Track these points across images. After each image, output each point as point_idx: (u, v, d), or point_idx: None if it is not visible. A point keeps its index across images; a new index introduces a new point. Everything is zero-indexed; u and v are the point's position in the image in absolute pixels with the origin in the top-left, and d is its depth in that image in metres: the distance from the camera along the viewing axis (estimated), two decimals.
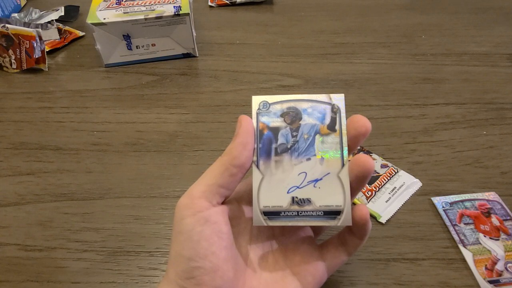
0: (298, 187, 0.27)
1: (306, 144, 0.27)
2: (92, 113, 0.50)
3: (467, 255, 0.34)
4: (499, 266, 0.34)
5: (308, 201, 0.27)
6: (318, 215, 0.27)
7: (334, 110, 0.28)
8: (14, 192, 0.41)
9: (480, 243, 0.35)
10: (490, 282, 0.33)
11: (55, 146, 0.46)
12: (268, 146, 0.28)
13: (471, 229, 0.36)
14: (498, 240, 0.35)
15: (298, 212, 0.27)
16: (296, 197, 0.27)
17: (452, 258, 0.35)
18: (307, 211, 0.27)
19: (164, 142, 0.46)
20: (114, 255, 0.36)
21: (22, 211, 0.40)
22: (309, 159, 0.27)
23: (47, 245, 0.37)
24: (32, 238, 0.37)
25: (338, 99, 0.28)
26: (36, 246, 0.37)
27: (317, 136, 0.27)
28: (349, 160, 0.27)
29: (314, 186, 0.27)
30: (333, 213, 0.27)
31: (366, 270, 0.34)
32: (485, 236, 0.36)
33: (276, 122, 0.28)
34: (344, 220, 0.27)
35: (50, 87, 0.54)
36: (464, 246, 0.35)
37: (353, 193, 0.27)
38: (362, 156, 0.27)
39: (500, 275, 0.33)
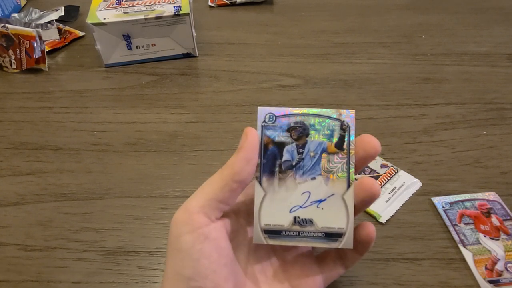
0: (301, 207, 0.27)
1: (311, 163, 0.27)
2: (92, 113, 0.50)
3: (467, 255, 0.34)
4: (499, 266, 0.34)
5: (310, 221, 0.26)
6: (320, 236, 0.26)
7: (343, 127, 0.27)
8: (14, 192, 0.41)
9: (480, 243, 0.35)
10: (490, 282, 0.33)
11: (55, 146, 0.46)
12: (272, 162, 0.27)
13: (471, 229, 0.36)
14: (498, 240, 0.35)
15: (299, 232, 0.27)
16: (298, 217, 0.27)
17: (452, 258, 0.35)
18: (308, 232, 0.26)
19: (164, 142, 0.46)
20: (114, 255, 0.36)
21: (22, 211, 0.40)
22: (314, 178, 0.27)
23: (47, 245, 0.37)
24: (32, 238, 0.37)
25: (348, 115, 0.27)
26: (36, 246, 0.37)
27: (324, 155, 0.27)
28: (355, 179, 0.27)
29: (318, 207, 0.26)
30: (335, 235, 0.26)
31: (366, 270, 0.34)
32: (485, 236, 0.36)
33: (282, 137, 0.27)
34: (345, 243, 0.26)
35: (50, 87, 0.54)
36: (464, 246, 0.35)
37: (356, 213, 0.27)
38: (367, 180, 0.26)
39: (500, 275, 0.33)
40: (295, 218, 0.27)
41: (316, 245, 0.27)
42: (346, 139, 0.27)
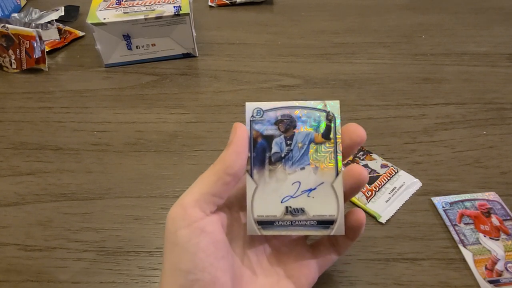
0: (292, 197, 0.27)
1: (300, 153, 0.27)
2: (92, 113, 0.50)
3: (467, 255, 0.34)
4: (499, 266, 0.34)
5: (302, 210, 0.27)
6: (312, 224, 0.27)
7: (329, 118, 0.28)
8: (14, 192, 0.41)
9: (480, 243, 0.35)
10: (490, 282, 0.33)
11: (55, 146, 0.46)
12: (262, 155, 0.27)
13: (471, 229, 0.36)
14: (498, 240, 0.35)
15: (291, 221, 0.27)
16: (290, 207, 0.27)
17: (452, 258, 0.35)
18: (300, 221, 0.27)
19: (164, 142, 0.46)
20: (114, 255, 0.36)
21: (22, 211, 0.40)
22: (303, 168, 0.27)
23: (47, 245, 0.37)
24: (32, 238, 0.37)
25: (333, 106, 0.28)
26: (36, 246, 0.37)
27: (312, 145, 0.27)
28: (343, 166, 0.27)
29: (308, 196, 0.27)
30: (326, 223, 0.27)
31: (365, 270, 0.34)
32: (485, 236, 0.36)
33: (270, 130, 0.28)
34: (337, 229, 0.27)
35: (50, 87, 0.54)
36: (464, 246, 0.35)
37: (345, 200, 0.28)
38: (356, 167, 0.27)
39: (500, 275, 0.33)
40: (287, 208, 0.27)
41: (308, 233, 0.27)
42: (332, 129, 0.27)
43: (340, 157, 0.27)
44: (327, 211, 0.27)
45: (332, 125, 0.27)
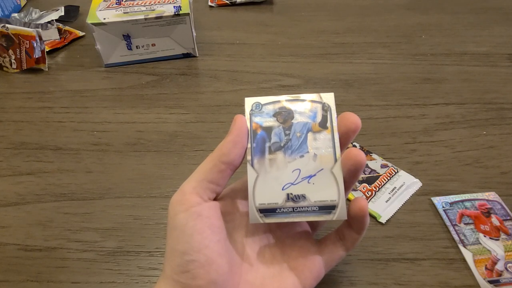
0: (292, 184, 0.27)
1: (299, 142, 0.28)
2: (92, 113, 0.50)
3: (467, 255, 0.34)
4: (499, 266, 0.34)
5: (303, 197, 0.27)
6: (313, 210, 0.27)
7: (325, 108, 0.29)
8: (14, 192, 0.41)
9: (480, 243, 0.35)
10: (490, 282, 0.33)
11: (55, 146, 0.46)
12: (262, 145, 0.28)
13: (471, 229, 0.36)
14: (498, 240, 0.35)
15: (293, 208, 0.27)
16: (291, 194, 0.27)
17: (452, 258, 0.35)
18: (302, 207, 0.27)
19: (164, 142, 0.46)
20: (114, 255, 0.36)
21: (22, 211, 0.40)
22: (302, 156, 0.28)
23: (47, 245, 0.37)
24: (32, 238, 0.37)
25: (328, 97, 0.29)
26: (36, 246, 0.37)
27: (309, 134, 0.28)
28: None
29: (308, 182, 0.27)
30: (328, 208, 0.27)
31: (366, 270, 0.34)
32: (485, 236, 0.36)
33: (269, 121, 0.29)
34: (339, 214, 0.27)
35: (50, 87, 0.54)
36: (464, 246, 0.35)
37: (347, 187, 0.28)
38: (353, 150, 0.27)
39: (500, 275, 0.33)
40: (288, 195, 0.27)
41: (311, 219, 0.27)
42: (328, 118, 0.28)
43: (337, 144, 0.28)
44: (328, 196, 0.27)
45: (328, 114, 0.28)
